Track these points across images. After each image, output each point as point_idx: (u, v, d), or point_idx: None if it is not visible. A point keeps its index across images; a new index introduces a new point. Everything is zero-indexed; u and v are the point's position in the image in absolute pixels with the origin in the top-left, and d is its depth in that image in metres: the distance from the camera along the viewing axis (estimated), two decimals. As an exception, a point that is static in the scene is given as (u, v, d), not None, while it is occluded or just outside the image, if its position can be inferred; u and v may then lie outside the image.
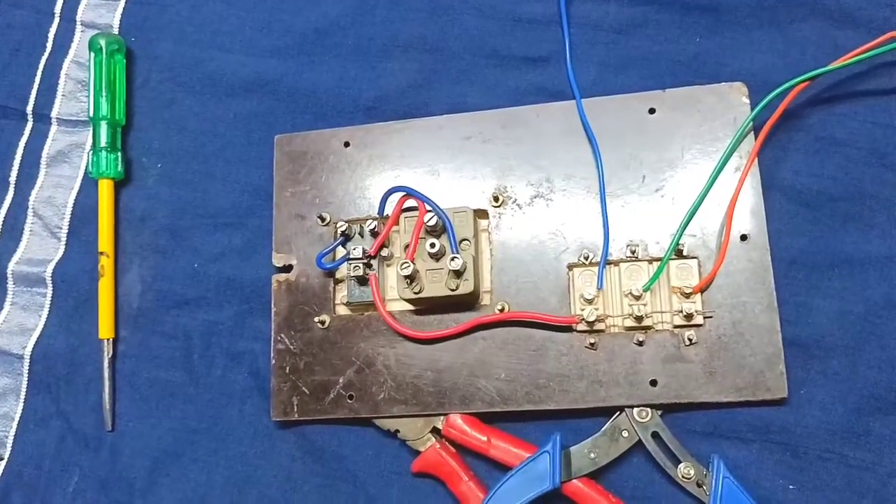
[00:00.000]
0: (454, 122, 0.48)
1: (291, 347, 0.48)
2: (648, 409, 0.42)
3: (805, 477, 0.41)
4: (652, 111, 0.46)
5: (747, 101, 0.44)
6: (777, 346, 0.41)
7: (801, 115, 0.44)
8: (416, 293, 0.44)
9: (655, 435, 0.42)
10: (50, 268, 0.54)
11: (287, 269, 0.49)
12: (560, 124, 0.47)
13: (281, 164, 0.51)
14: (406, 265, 0.43)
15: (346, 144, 0.50)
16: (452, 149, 0.48)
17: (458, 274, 0.43)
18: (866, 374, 0.41)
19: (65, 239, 0.54)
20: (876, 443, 0.41)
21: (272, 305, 0.48)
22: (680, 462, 0.41)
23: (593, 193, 0.45)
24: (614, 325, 0.43)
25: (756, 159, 0.43)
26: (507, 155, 0.47)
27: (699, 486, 0.41)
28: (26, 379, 0.52)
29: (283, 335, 0.48)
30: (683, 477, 0.41)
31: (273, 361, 0.48)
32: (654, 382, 0.42)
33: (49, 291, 0.54)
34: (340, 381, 0.46)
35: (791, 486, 0.41)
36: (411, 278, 0.44)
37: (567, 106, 0.47)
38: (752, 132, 0.44)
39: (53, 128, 0.56)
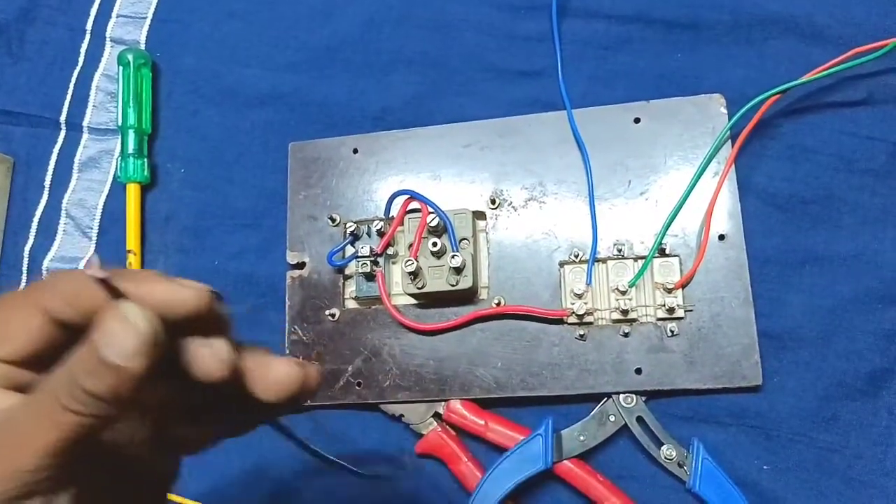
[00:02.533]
0: (454, 131, 0.48)
1: (304, 338, 0.47)
2: (633, 396, 0.42)
3: (778, 458, 0.41)
4: (637, 121, 0.45)
5: (725, 111, 0.44)
6: (752, 337, 0.41)
7: (774, 124, 0.44)
8: (419, 288, 0.44)
9: (640, 419, 0.42)
10: (81, 265, 0.54)
11: (300, 265, 0.49)
12: (552, 133, 0.46)
13: (295, 170, 0.50)
14: (410, 262, 0.43)
15: (355, 151, 0.50)
16: (453, 155, 0.48)
17: (457, 271, 0.43)
18: (834, 364, 0.41)
19: (95, 238, 0.54)
20: (843, 427, 0.41)
21: (286, 299, 0.48)
22: (662, 444, 0.41)
23: (583, 197, 0.45)
24: (602, 318, 0.43)
25: (733, 165, 0.43)
26: (503, 161, 0.47)
27: (680, 466, 0.41)
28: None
29: (296, 327, 0.48)
30: (666, 458, 0.41)
31: (287, 351, 0.48)
32: (638, 371, 0.42)
33: (80, 287, 0.54)
34: (349, 369, 0.46)
35: (765, 467, 0.41)
36: (415, 274, 0.44)
37: (559, 116, 0.46)
38: (730, 140, 0.44)
39: (85, 136, 0.56)
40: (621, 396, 0.42)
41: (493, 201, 0.46)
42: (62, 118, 0.57)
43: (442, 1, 0.52)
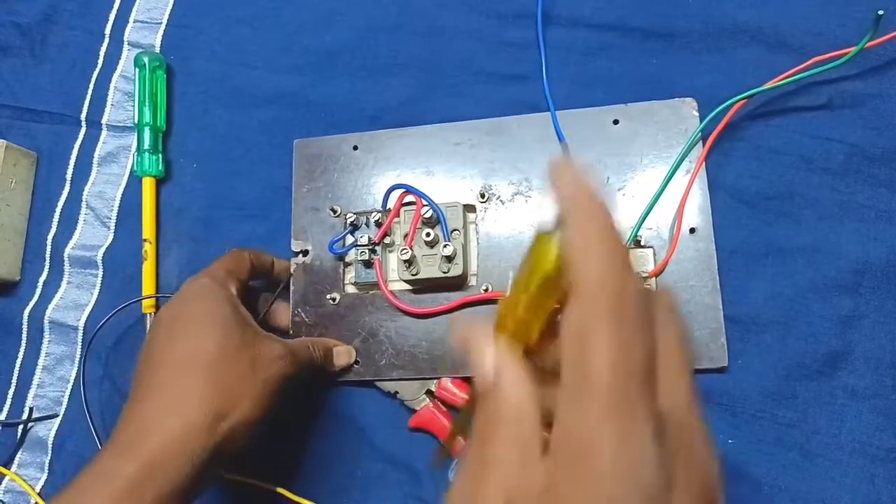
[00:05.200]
0: (447, 130, 0.48)
1: (307, 320, 0.47)
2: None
3: (742, 433, 0.41)
4: (616, 122, 0.45)
5: (697, 114, 0.44)
6: (719, 322, 0.41)
7: (742, 126, 0.44)
8: (413, 275, 0.44)
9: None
10: (101, 252, 0.53)
11: (304, 253, 0.48)
12: (537, 132, 0.46)
13: (299, 164, 0.50)
14: (405, 251, 0.43)
15: (355, 148, 0.49)
16: (445, 153, 0.47)
17: (449, 259, 0.43)
18: (794, 346, 0.41)
19: (113, 228, 0.54)
20: (802, 404, 0.41)
21: (291, 284, 0.48)
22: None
23: (565, 191, 0.45)
24: (581, 304, 0.43)
25: (703, 164, 0.43)
26: (491, 158, 0.46)
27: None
28: (80, 347, 0.52)
29: (300, 309, 0.47)
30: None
31: (291, 332, 0.47)
32: None
33: (100, 272, 0.53)
34: None
35: (730, 441, 0.41)
36: (409, 262, 0.43)
37: (543, 117, 0.46)
38: (701, 141, 0.43)
39: (104, 133, 0.56)
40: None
41: (482, 195, 0.46)
42: (82, 116, 0.56)
43: (435, 10, 0.51)
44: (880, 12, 0.37)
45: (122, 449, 0.33)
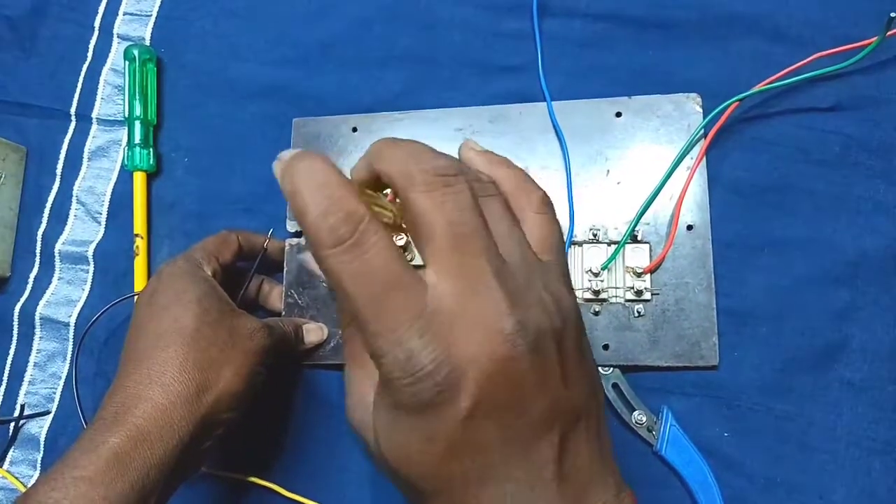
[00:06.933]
0: (448, 116, 0.47)
1: (300, 302, 0.46)
2: (611, 366, 0.41)
3: (738, 426, 0.41)
4: (618, 114, 0.44)
5: (700, 110, 0.43)
6: (712, 321, 0.41)
7: (739, 118, 0.43)
8: (408, 261, 0.43)
9: (615, 385, 0.41)
10: (91, 248, 0.52)
11: (299, 234, 0.47)
12: (538, 122, 0.45)
13: (296, 144, 0.49)
14: (400, 237, 0.42)
15: (354, 129, 0.48)
16: (446, 138, 0.46)
17: None
18: (790, 339, 0.41)
19: (104, 223, 0.53)
20: (798, 397, 0.40)
21: (284, 265, 0.47)
22: (634, 410, 0.41)
23: (564, 183, 0.44)
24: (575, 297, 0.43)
25: (703, 160, 0.42)
26: (492, 145, 0.43)
27: (650, 430, 0.41)
28: (71, 343, 0.51)
29: (292, 291, 0.47)
30: (636, 422, 0.41)
31: (283, 313, 0.47)
32: (606, 346, 0.41)
33: (91, 268, 0.52)
34: (339, 332, 0.45)
35: (726, 434, 0.41)
36: (405, 248, 0.43)
37: (545, 106, 0.45)
38: (703, 137, 0.43)
39: (94, 127, 0.55)
40: (600, 368, 0.41)
41: (480, 185, 0.45)
42: (72, 110, 0.55)
43: (429, 1, 0.50)
44: (893, 14, 0.37)
45: (107, 423, 0.33)
